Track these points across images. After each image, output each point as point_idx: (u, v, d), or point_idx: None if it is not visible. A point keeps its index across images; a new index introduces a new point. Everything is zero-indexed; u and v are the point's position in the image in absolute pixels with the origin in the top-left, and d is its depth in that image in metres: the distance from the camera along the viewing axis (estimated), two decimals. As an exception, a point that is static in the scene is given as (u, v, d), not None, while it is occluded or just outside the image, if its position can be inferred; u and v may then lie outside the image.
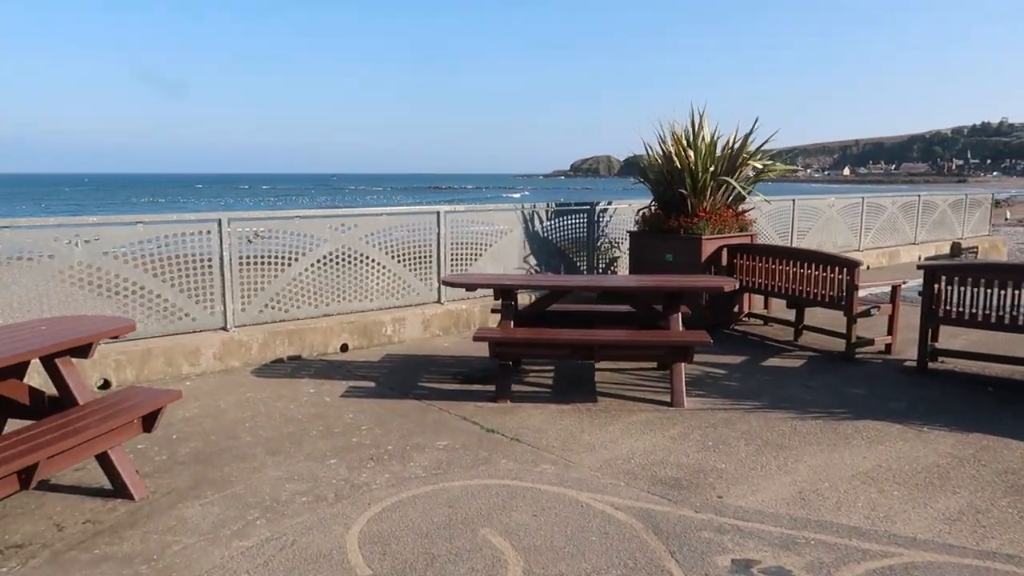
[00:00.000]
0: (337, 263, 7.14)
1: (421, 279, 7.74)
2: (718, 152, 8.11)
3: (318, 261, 7.03)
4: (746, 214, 8.44)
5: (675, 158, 8.06)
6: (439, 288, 7.85)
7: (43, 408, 3.99)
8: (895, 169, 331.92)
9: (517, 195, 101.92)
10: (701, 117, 8.30)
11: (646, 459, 4.45)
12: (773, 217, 11.14)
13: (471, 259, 8.08)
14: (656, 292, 5.77)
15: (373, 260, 7.36)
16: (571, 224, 8.93)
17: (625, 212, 9.46)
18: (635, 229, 8.75)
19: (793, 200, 11.53)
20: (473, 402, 5.56)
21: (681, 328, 5.60)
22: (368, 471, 4.27)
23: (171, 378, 6.14)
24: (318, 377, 6.24)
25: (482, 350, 7.00)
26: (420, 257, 7.71)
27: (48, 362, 3.81)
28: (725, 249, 8.03)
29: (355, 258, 7.24)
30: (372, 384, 6.06)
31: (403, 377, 6.25)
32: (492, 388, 5.83)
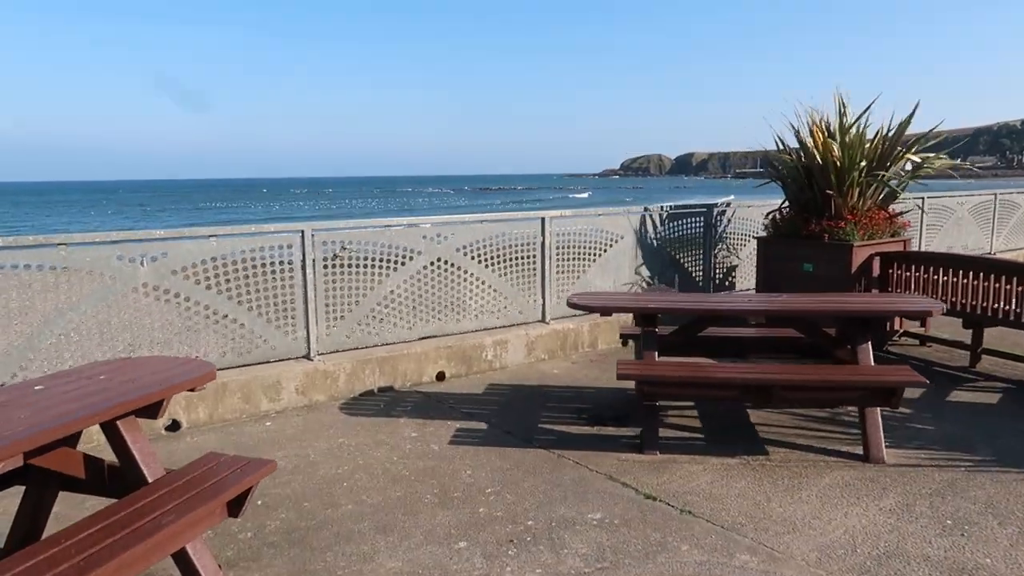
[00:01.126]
0: (432, 278, 6.19)
1: (524, 295, 6.74)
2: (867, 143, 6.91)
3: (411, 277, 6.09)
4: (902, 216, 7.22)
5: (816, 151, 6.89)
6: (543, 305, 6.84)
7: (101, 480, 3.10)
8: (960, 162, 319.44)
9: (585, 194, 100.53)
10: (846, 104, 7.12)
11: (875, 548, 3.35)
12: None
13: (579, 271, 7.05)
14: (840, 316, 4.64)
15: (471, 274, 6.39)
16: (686, 229, 7.83)
17: (746, 215, 8.31)
18: (763, 234, 7.61)
19: (923, 198, 10.17)
20: (614, 452, 4.53)
21: (873, 362, 4.47)
22: (512, 562, 3.27)
23: (249, 417, 5.26)
24: (417, 415, 5.29)
25: (601, 381, 5.97)
26: (523, 270, 6.72)
27: (109, 425, 2.91)
28: (877, 258, 6.83)
29: (452, 272, 6.29)
30: (484, 425, 5.08)
31: (518, 416, 5.25)
32: (630, 432, 4.81)
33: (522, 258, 6.69)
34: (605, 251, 7.20)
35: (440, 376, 6.15)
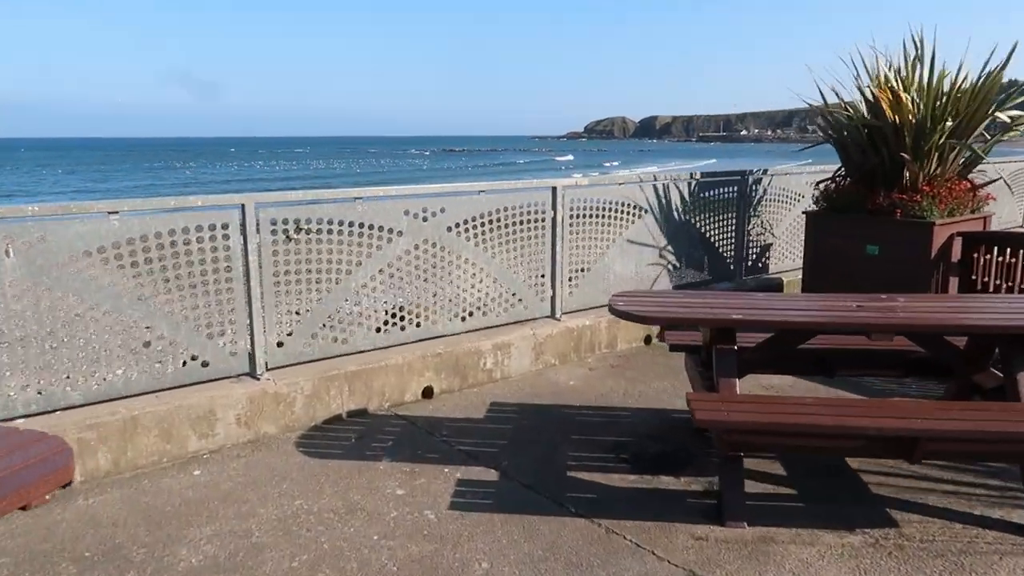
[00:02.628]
0: (416, 266, 4.78)
1: (531, 285, 5.37)
2: (946, 98, 5.62)
3: (389, 265, 4.67)
4: (985, 188, 5.99)
5: (889, 108, 5.58)
6: (553, 298, 5.48)
7: None
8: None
9: (567, 157, 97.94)
10: (920, 47, 5.80)
11: None
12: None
13: (596, 254, 5.69)
14: None
15: (466, 260, 4.98)
16: (717, 201, 6.51)
17: (785, 185, 7.01)
18: (813, 208, 6.32)
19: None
20: (683, 524, 3.23)
21: (1041, 397, 3.21)
22: None
23: (171, 461, 3.84)
24: (402, 456, 3.93)
25: (632, 397, 4.68)
26: (529, 253, 5.33)
27: None
28: (958, 239, 5.60)
29: (441, 258, 4.87)
30: (494, 474, 3.74)
31: (537, 456, 3.92)
32: (694, 484, 3.54)
33: (528, 239, 5.30)
34: (627, 228, 5.84)
35: (428, 392, 4.78)
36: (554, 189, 5.33)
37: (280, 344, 4.32)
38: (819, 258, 6.11)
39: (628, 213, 5.83)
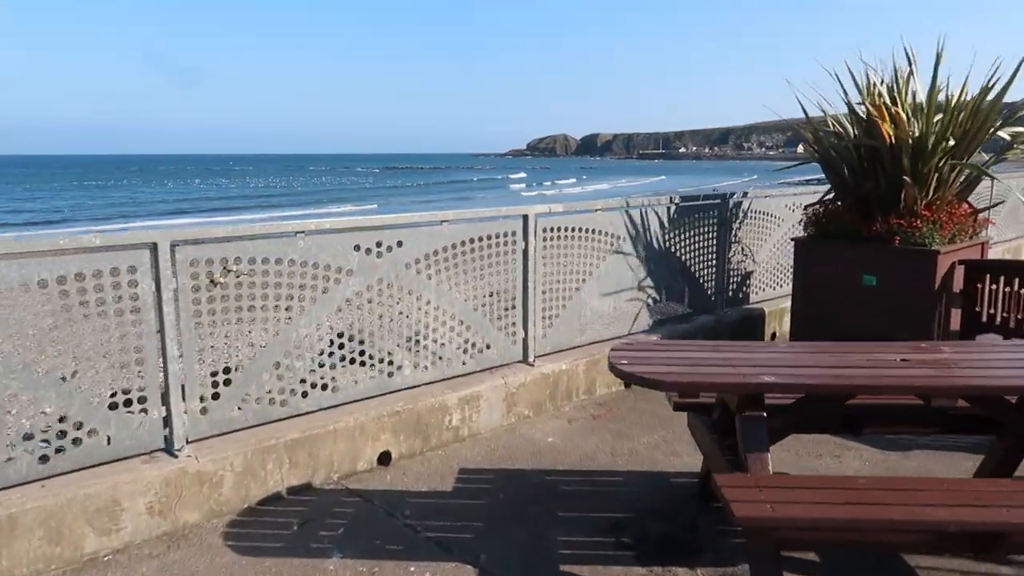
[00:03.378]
0: (370, 310, 4.07)
1: (500, 327, 4.70)
2: (945, 115, 5.21)
3: (338, 309, 3.94)
4: (985, 211, 5.59)
5: (885, 126, 5.13)
6: (526, 340, 4.82)
7: None
8: None
9: (521, 174, 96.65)
10: (912, 63, 5.39)
11: None
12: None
13: (570, 288, 5.06)
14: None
15: (428, 301, 4.30)
16: (697, 227, 5.97)
17: (764, 208, 6.53)
18: (804, 235, 5.83)
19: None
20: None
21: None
22: None
23: (62, 567, 3.04)
24: (357, 549, 3.20)
25: (622, 457, 4.07)
26: (497, 290, 4.68)
27: None
28: (960, 268, 5.17)
29: (399, 299, 4.18)
30: (471, 572, 3.04)
31: (520, 543, 3.25)
32: (707, 573, 2.90)
33: (497, 274, 4.64)
34: (604, 259, 5.23)
35: (385, 458, 4.05)
36: (525, 218, 4.69)
37: (204, 411, 3.55)
38: (811, 289, 5.61)
39: (605, 242, 5.23)
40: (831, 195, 5.80)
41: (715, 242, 6.12)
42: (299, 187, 74.00)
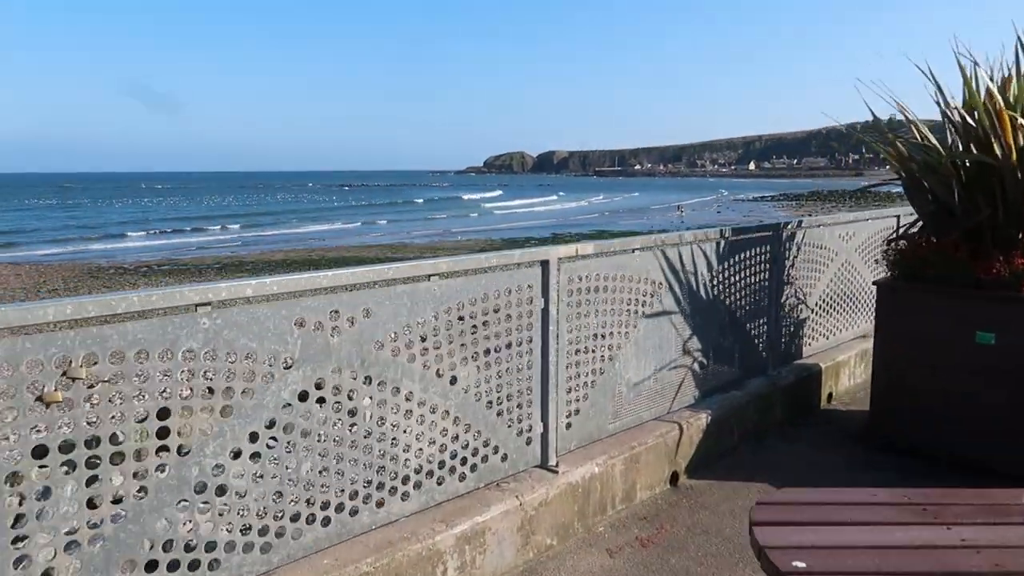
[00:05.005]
0: (323, 419, 2.62)
1: (510, 420, 3.29)
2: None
3: (271, 424, 2.48)
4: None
5: (1006, 137, 3.89)
6: (545, 436, 3.42)
7: None
8: (797, 164, 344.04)
9: (495, 192, 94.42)
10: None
11: None
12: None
13: (602, 358, 3.68)
14: None
15: (409, 394, 2.86)
16: (747, 267, 4.65)
17: (816, 240, 5.26)
18: (887, 277, 4.55)
19: None
20: None
21: None
22: None
23: None
24: None
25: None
26: (506, 369, 3.26)
27: None
28: (1106, 322, 3.93)
29: (367, 396, 2.74)
30: None
31: None
32: None
33: (506, 346, 3.23)
34: (643, 315, 3.87)
35: (346, 650, 2.59)
36: (545, 265, 3.29)
37: (31, 621, 2.06)
38: (899, 348, 4.33)
39: (645, 292, 3.87)
40: (915, 223, 4.56)
41: (767, 284, 4.81)
42: (247, 207, 71.23)
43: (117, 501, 2.15)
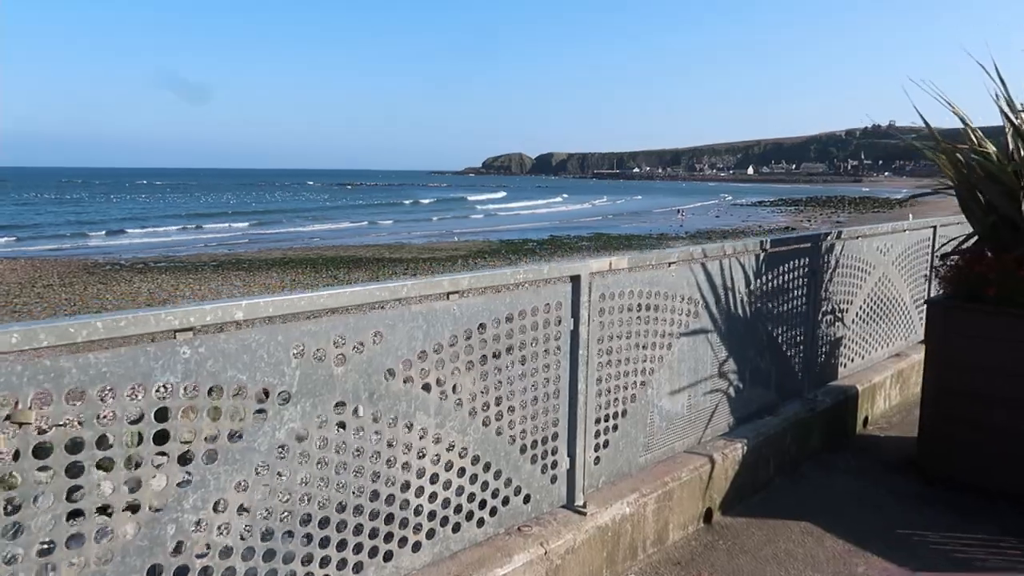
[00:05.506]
0: (322, 460, 2.23)
1: (533, 456, 2.90)
2: None
3: (261, 467, 2.10)
4: None
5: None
6: (572, 472, 3.04)
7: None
8: (796, 169, 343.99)
9: (499, 194, 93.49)
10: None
11: None
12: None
13: (634, 384, 3.30)
14: None
15: (423, 433, 2.48)
16: (784, 281, 4.27)
17: (855, 252, 4.90)
18: (939, 295, 4.18)
19: None
20: None
21: None
22: None
23: None
24: None
25: None
26: (530, 398, 2.88)
27: None
28: None
29: (374, 434, 2.35)
30: None
31: None
32: None
33: (530, 373, 2.85)
34: (677, 335, 3.49)
35: None
36: (576, 281, 2.92)
37: None
38: (953, 374, 3.96)
39: (681, 311, 3.50)
40: (969, 237, 4.19)
41: (804, 300, 4.44)
42: (246, 204, 70.64)
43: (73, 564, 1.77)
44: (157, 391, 1.86)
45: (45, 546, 1.72)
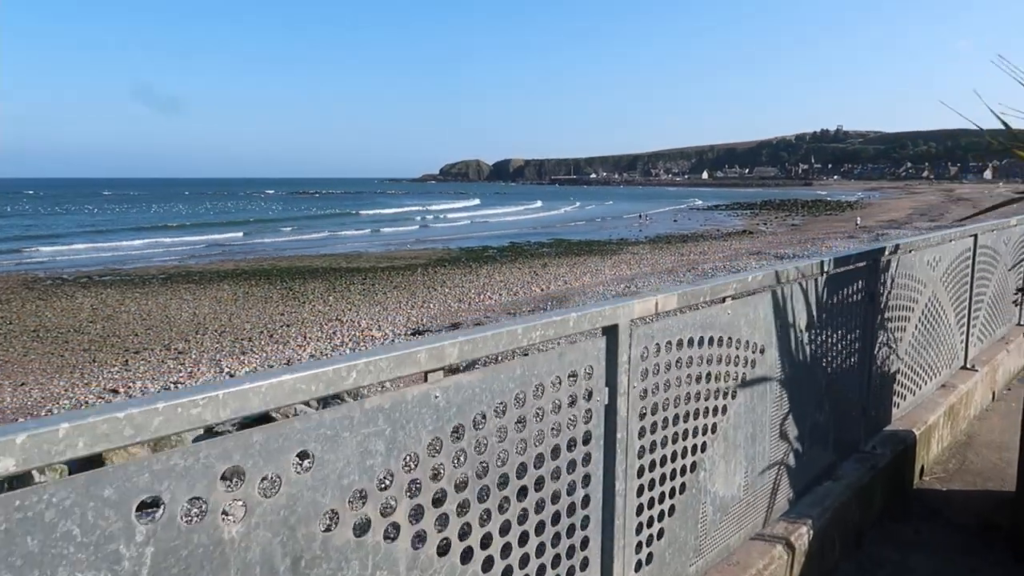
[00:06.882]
0: None
1: (559, 573, 1.93)
2: None
3: None
4: None
5: None
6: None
7: None
8: (749, 173, 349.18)
9: (474, 201, 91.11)
10: None
11: None
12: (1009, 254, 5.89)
13: (682, 465, 2.35)
14: None
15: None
16: (842, 309, 3.38)
17: (911, 270, 4.05)
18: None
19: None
20: None
21: None
22: None
23: None
24: None
25: None
26: (550, 516, 1.91)
27: None
28: None
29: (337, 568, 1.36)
30: None
31: None
32: None
33: (548, 474, 1.88)
34: (733, 391, 2.56)
35: None
36: (612, 332, 1.96)
37: None
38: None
39: (737, 359, 2.57)
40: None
41: (859, 330, 3.56)
42: (184, 211, 68.14)
43: None
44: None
45: None
